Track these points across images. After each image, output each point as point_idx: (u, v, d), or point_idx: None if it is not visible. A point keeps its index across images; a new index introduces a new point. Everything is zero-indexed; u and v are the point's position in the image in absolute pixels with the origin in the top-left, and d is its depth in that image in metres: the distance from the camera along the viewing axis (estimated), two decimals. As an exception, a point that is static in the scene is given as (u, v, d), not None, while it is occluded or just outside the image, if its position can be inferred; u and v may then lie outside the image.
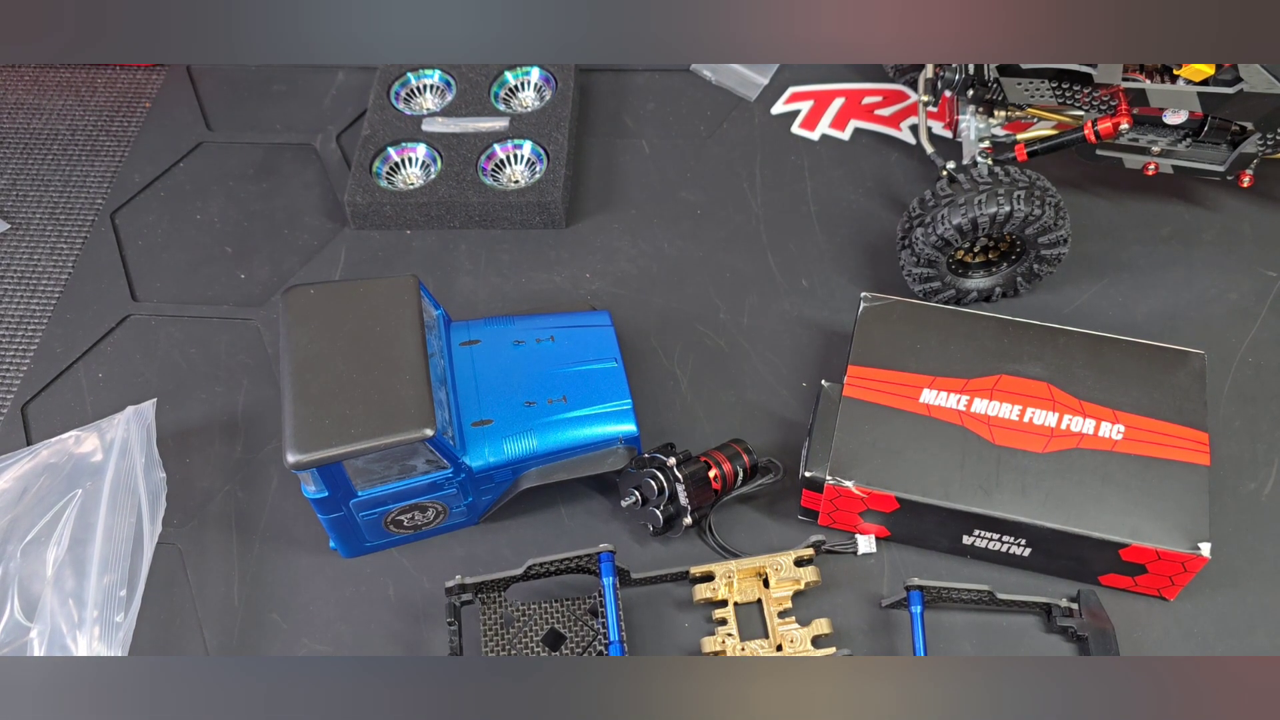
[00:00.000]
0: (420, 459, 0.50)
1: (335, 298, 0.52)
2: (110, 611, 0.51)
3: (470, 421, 0.53)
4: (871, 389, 0.54)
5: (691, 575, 0.53)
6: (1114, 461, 0.52)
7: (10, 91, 0.80)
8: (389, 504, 0.52)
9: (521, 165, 0.69)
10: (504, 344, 0.56)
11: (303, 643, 0.53)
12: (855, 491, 0.52)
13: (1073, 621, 0.51)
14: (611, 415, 0.54)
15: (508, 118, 0.70)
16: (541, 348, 0.56)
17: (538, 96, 0.72)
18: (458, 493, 0.53)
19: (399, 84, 0.72)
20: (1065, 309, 0.62)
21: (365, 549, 0.55)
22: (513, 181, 0.68)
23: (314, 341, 0.50)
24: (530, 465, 0.53)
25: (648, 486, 0.53)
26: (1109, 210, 0.67)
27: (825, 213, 0.68)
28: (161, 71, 0.79)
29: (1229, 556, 0.53)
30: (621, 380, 0.55)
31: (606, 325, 0.58)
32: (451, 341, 0.56)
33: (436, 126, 0.69)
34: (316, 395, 0.48)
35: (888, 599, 0.52)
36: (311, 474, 0.48)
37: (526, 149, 0.69)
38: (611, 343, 0.57)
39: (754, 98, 0.74)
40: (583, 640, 0.51)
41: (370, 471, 0.49)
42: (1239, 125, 0.59)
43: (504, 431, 0.53)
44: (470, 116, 0.70)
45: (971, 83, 0.60)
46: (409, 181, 0.68)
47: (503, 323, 0.57)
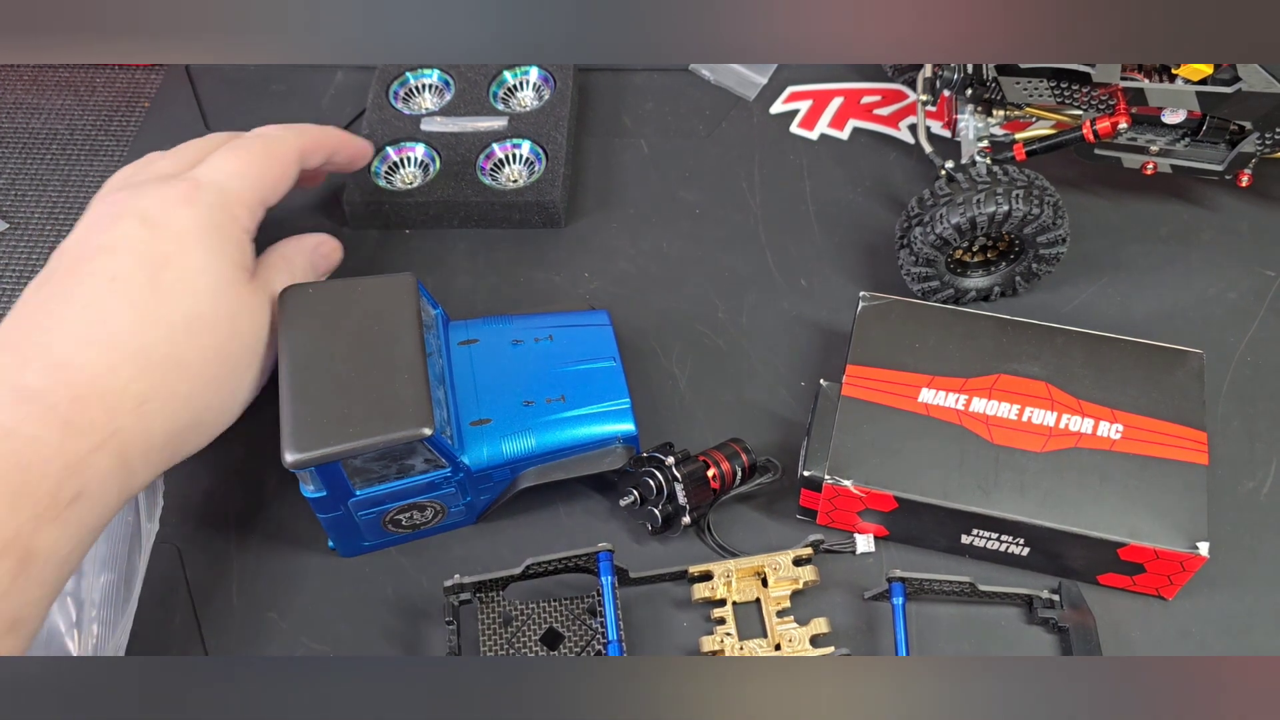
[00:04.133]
0: (419, 458, 0.50)
1: (333, 296, 0.52)
2: (108, 611, 0.51)
3: (469, 421, 0.53)
4: (870, 388, 0.54)
5: (690, 575, 0.53)
6: (1112, 461, 0.52)
7: (10, 91, 0.80)
8: (387, 503, 0.52)
9: (520, 165, 0.69)
10: (502, 343, 0.56)
11: (301, 642, 0.53)
12: (854, 491, 0.52)
13: (1054, 613, 0.51)
14: (610, 414, 0.54)
15: (506, 117, 0.69)
16: (540, 347, 0.56)
17: (536, 96, 0.72)
18: (456, 492, 0.53)
19: (398, 83, 0.72)
20: (1064, 308, 0.63)
21: (364, 548, 0.55)
22: (511, 181, 0.68)
23: (312, 340, 0.50)
24: (528, 464, 0.53)
25: (646, 485, 0.53)
26: (1107, 210, 0.67)
27: (824, 212, 0.68)
28: (161, 71, 0.79)
29: (1227, 556, 0.53)
30: (620, 379, 0.55)
31: (605, 325, 0.58)
32: (450, 341, 0.56)
33: (435, 126, 0.69)
34: (314, 394, 0.48)
35: (870, 591, 0.52)
36: (310, 473, 0.48)
37: (525, 149, 0.69)
38: (610, 342, 0.57)
39: (753, 97, 0.74)
40: (581, 639, 0.52)
41: (368, 471, 0.49)
42: (1237, 124, 0.59)
43: (502, 431, 0.53)
44: (469, 116, 0.70)
45: (970, 82, 0.60)
46: (407, 181, 0.68)
47: (501, 322, 0.57)
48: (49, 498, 0.40)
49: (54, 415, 0.42)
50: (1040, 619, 0.52)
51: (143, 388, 0.45)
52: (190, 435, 0.48)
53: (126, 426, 0.44)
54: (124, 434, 0.44)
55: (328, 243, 0.60)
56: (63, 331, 0.45)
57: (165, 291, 0.47)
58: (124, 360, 0.44)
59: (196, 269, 0.48)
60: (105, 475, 0.43)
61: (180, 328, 0.47)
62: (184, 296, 0.47)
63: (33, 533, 0.40)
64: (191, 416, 0.47)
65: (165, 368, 0.46)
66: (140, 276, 0.46)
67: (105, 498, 0.43)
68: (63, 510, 0.41)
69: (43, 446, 0.41)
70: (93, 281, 0.46)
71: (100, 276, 0.46)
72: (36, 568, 0.40)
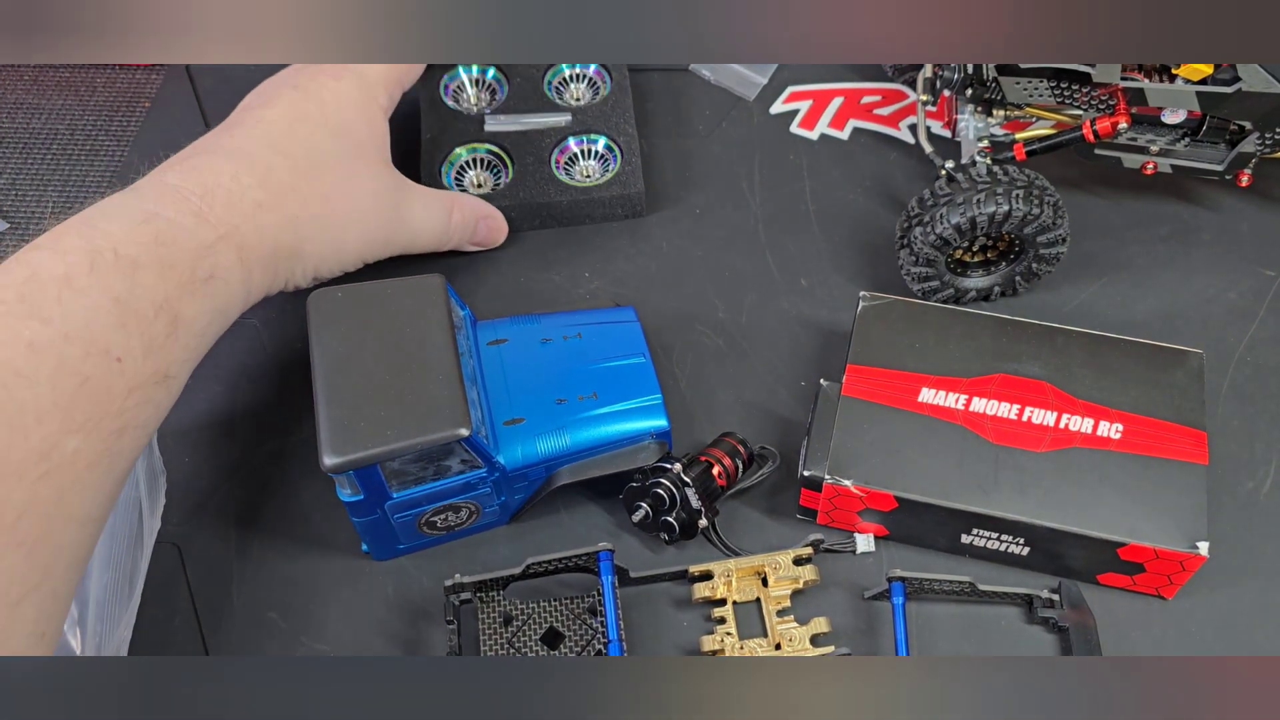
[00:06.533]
0: (455, 459, 0.50)
1: (362, 300, 0.51)
2: (110, 610, 0.51)
3: (502, 420, 0.53)
4: (870, 388, 0.54)
5: (690, 574, 0.53)
6: (1112, 461, 0.52)
7: (10, 91, 0.80)
8: (424, 505, 0.51)
9: (593, 160, 0.68)
10: (532, 342, 0.56)
11: (301, 642, 0.53)
12: (854, 491, 0.52)
13: (1053, 612, 0.51)
14: (642, 410, 0.54)
15: (569, 112, 0.68)
16: (569, 345, 0.56)
17: (590, 89, 0.71)
18: (491, 492, 0.52)
19: (448, 77, 0.70)
20: (1064, 308, 0.63)
21: (398, 551, 0.55)
22: (585, 177, 0.67)
23: (344, 344, 0.50)
24: (563, 463, 0.53)
25: (656, 497, 0.53)
26: (1107, 209, 0.67)
27: (824, 212, 0.68)
28: (161, 71, 0.79)
29: (1227, 555, 0.53)
30: (650, 375, 0.55)
31: (632, 321, 0.58)
32: (479, 341, 0.56)
33: (500, 125, 0.67)
34: (349, 398, 0.48)
35: (870, 591, 0.52)
36: (348, 477, 0.48)
37: (601, 144, 0.67)
38: (639, 338, 0.57)
39: (753, 97, 0.74)
40: (581, 639, 0.52)
41: (405, 473, 0.49)
42: (1237, 124, 0.59)
43: (536, 430, 0.53)
44: (532, 113, 0.67)
45: (970, 82, 0.60)
46: (477, 184, 0.67)
47: (529, 321, 0.57)
48: (189, 272, 0.48)
49: (187, 205, 0.49)
50: (1040, 619, 0.52)
51: (259, 196, 0.52)
52: (295, 262, 0.54)
53: (243, 227, 0.51)
54: (242, 233, 0.51)
55: (496, 219, 0.64)
56: (207, 151, 0.53)
57: (298, 136, 0.55)
58: (247, 171, 0.52)
59: (331, 128, 0.56)
60: (230, 265, 0.50)
61: (302, 162, 0.54)
62: (313, 143, 0.55)
63: (179, 299, 0.47)
64: (295, 240, 0.53)
65: (281, 189, 0.53)
66: (282, 124, 0.55)
67: (230, 287, 0.50)
68: (200, 285, 0.48)
69: (179, 230, 0.48)
70: (244, 128, 0.55)
71: (250, 124, 0.55)
72: (182, 331, 0.47)
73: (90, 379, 0.43)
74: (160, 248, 0.47)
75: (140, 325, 0.46)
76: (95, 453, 0.44)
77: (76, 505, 0.43)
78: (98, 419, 0.43)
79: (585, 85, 0.71)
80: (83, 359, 0.43)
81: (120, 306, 0.45)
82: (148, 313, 0.46)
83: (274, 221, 0.52)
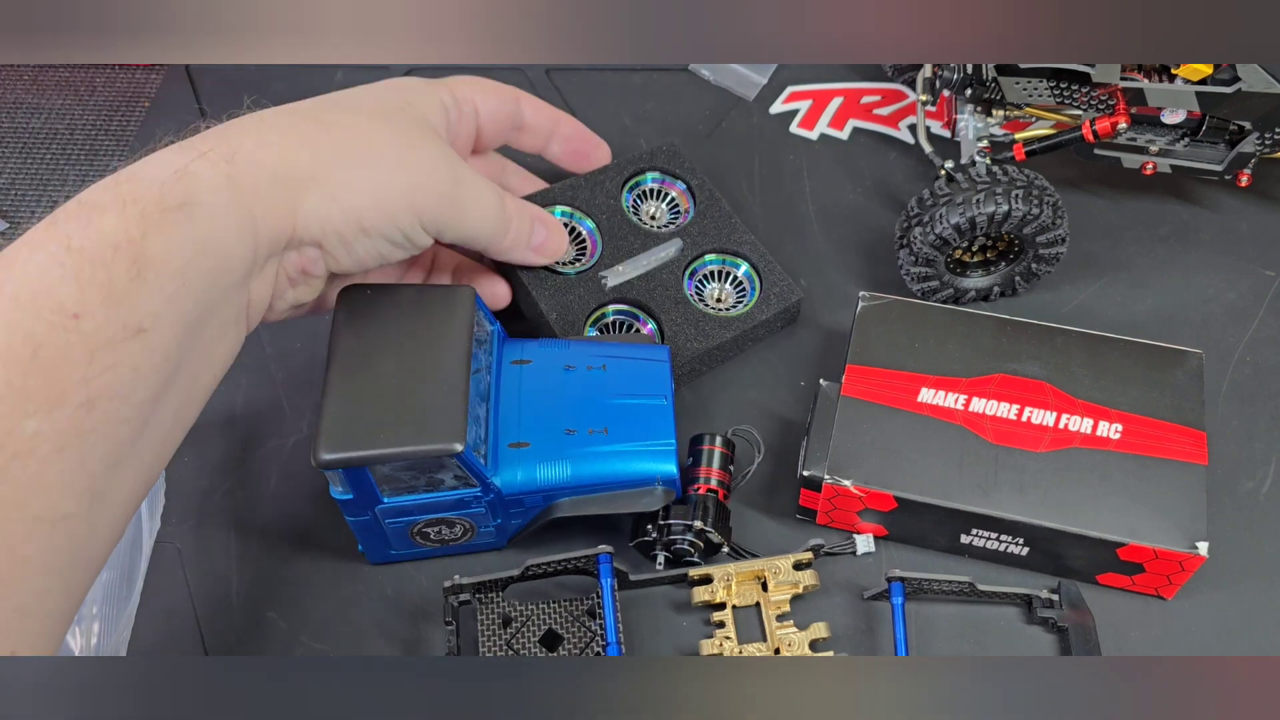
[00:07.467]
0: (448, 473, 0.49)
1: (391, 301, 0.51)
2: (109, 609, 0.51)
3: (507, 442, 0.51)
4: (869, 388, 0.54)
5: (690, 578, 0.53)
6: (1112, 461, 0.52)
7: (10, 91, 0.80)
8: (415, 515, 0.51)
9: (726, 283, 0.62)
10: (554, 367, 0.54)
11: (301, 642, 0.53)
12: (853, 491, 0.52)
13: (1053, 613, 0.51)
14: (652, 454, 0.52)
15: (677, 238, 0.62)
16: (591, 375, 0.54)
17: (665, 202, 0.64)
18: (486, 513, 0.52)
19: None
20: (1063, 308, 0.63)
21: (391, 557, 0.54)
22: (717, 301, 0.61)
23: (363, 341, 0.49)
24: (563, 494, 0.52)
25: (673, 541, 0.52)
26: (1107, 209, 0.67)
27: (823, 212, 0.68)
28: (161, 71, 0.79)
29: (1226, 555, 0.53)
30: (669, 419, 0.52)
31: (664, 361, 0.55)
32: (503, 358, 0.54)
33: (620, 278, 0.60)
34: (354, 396, 0.48)
35: (870, 591, 0.52)
36: (339, 475, 0.48)
37: (742, 270, 0.62)
38: (665, 379, 0.54)
39: (752, 97, 0.74)
40: (580, 641, 0.52)
41: (397, 480, 0.49)
42: (1237, 124, 0.59)
43: (539, 456, 0.51)
44: (643, 253, 0.61)
45: (970, 82, 0.60)
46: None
47: (558, 345, 0.55)
48: (155, 202, 0.41)
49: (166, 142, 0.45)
50: (1039, 619, 0.52)
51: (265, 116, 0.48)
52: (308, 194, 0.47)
53: (236, 143, 0.45)
54: (232, 148, 0.45)
55: (553, 223, 0.58)
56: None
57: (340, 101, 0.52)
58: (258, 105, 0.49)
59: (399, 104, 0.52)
60: (212, 188, 0.43)
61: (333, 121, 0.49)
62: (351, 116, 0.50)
63: (141, 236, 0.40)
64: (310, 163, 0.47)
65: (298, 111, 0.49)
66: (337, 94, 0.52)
67: (214, 212, 0.43)
68: (168, 214, 0.42)
69: (151, 163, 0.43)
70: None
71: None
72: (151, 273, 0.40)
73: (44, 345, 0.37)
74: (124, 185, 0.42)
75: (96, 271, 0.39)
76: (59, 434, 0.37)
77: (42, 503, 0.37)
78: (59, 393, 0.37)
79: (658, 202, 0.65)
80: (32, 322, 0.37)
81: (73, 255, 0.39)
82: (105, 255, 0.39)
83: (280, 154, 0.46)
